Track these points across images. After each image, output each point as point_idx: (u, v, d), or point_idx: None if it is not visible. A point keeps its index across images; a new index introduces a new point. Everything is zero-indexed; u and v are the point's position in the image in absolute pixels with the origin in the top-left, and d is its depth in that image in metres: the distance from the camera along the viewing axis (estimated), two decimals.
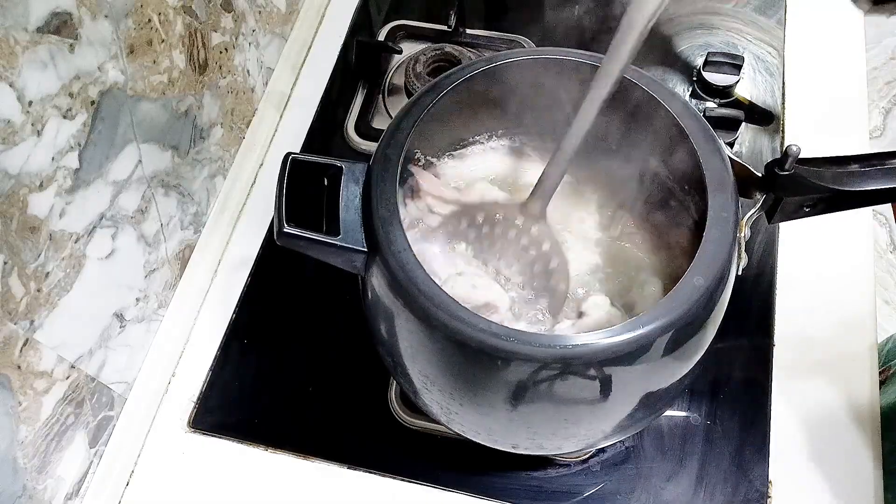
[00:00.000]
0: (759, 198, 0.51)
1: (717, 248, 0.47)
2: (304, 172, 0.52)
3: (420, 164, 0.61)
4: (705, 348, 0.52)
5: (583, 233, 0.60)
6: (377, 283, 0.49)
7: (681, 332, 0.46)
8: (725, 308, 0.52)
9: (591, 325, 0.53)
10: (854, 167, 0.50)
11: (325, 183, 0.52)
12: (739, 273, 0.52)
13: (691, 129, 0.51)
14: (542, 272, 0.56)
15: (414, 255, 0.47)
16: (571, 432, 0.53)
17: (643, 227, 0.59)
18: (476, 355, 0.46)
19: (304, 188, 0.52)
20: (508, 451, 0.56)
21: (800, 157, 0.49)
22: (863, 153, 0.50)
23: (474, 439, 0.55)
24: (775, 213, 0.52)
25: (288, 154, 0.52)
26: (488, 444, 0.55)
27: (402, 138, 0.52)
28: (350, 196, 0.51)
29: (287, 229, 0.49)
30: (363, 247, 0.49)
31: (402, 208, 0.58)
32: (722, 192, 0.49)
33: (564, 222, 0.60)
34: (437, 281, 0.47)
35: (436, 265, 0.57)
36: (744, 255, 0.51)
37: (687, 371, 0.52)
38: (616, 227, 0.60)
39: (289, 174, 0.51)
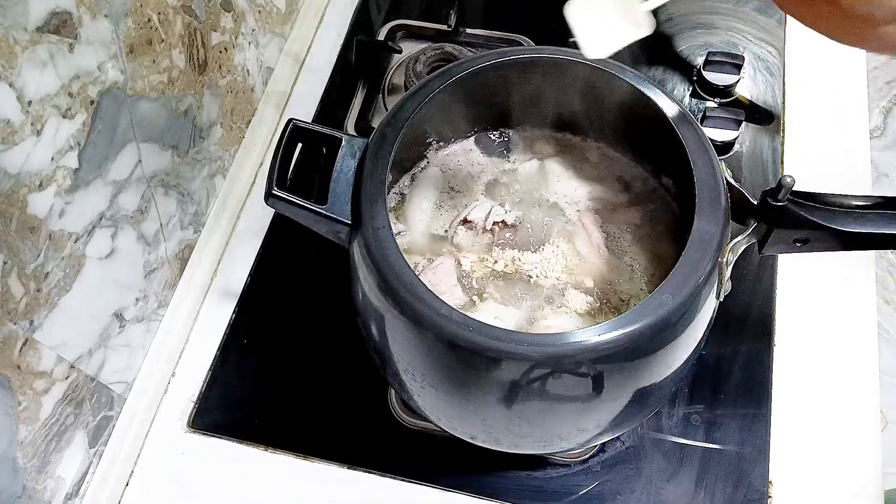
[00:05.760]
0: (752, 226, 0.51)
1: (690, 270, 0.46)
2: (304, 140, 0.53)
3: (432, 147, 0.62)
4: (671, 369, 0.51)
5: (572, 239, 0.59)
6: (357, 256, 0.50)
7: (637, 348, 0.46)
8: (703, 330, 0.51)
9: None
10: (854, 207, 0.49)
11: (324, 152, 0.53)
12: (720, 299, 0.51)
13: (692, 148, 0.51)
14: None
15: (392, 233, 0.48)
16: (525, 431, 0.53)
17: (636, 238, 0.59)
18: (434, 338, 0.47)
19: (303, 157, 0.54)
20: (463, 437, 0.56)
21: (801, 189, 0.48)
22: (869, 195, 0.49)
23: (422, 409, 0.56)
24: (766, 243, 0.51)
25: (290, 120, 0.52)
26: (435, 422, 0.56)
27: (403, 118, 0.52)
28: (345, 168, 0.51)
29: (276, 191, 0.50)
30: (348, 219, 0.50)
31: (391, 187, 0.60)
32: (710, 215, 0.48)
33: (553, 227, 0.60)
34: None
35: None
36: (728, 281, 0.50)
37: (652, 386, 0.52)
38: (608, 237, 0.59)
39: (287, 139, 0.52)
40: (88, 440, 0.62)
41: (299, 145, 0.54)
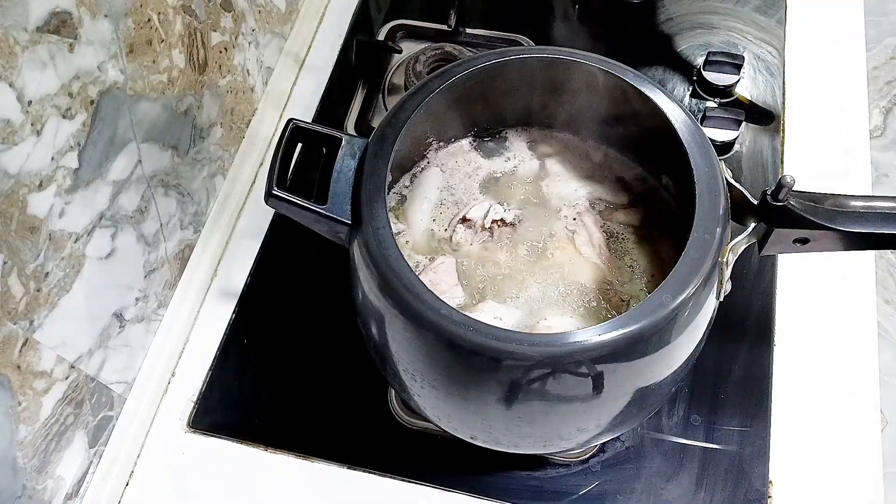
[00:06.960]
0: (752, 226, 0.51)
1: (690, 270, 0.46)
2: (304, 140, 0.53)
3: (432, 147, 0.62)
4: (671, 369, 0.51)
5: (573, 239, 0.59)
6: (356, 256, 0.50)
7: (637, 348, 0.46)
8: (703, 330, 0.51)
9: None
10: (854, 207, 0.49)
11: (324, 152, 0.53)
12: (720, 299, 0.51)
13: (692, 148, 0.51)
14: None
15: (392, 233, 0.48)
16: (525, 431, 0.53)
17: (636, 238, 0.59)
18: (434, 338, 0.47)
19: (303, 157, 0.54)
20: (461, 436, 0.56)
21: (801, 189, 0.48)
22: (869, 195, 0.49)
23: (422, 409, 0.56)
24: (766, 243, 0.51)
25: (290, 120, 0.53)
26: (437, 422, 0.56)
27: (403, 118, 0.52)
28: (344, 168, 0.52)
29: (276, 191, 0.50)
30: (348, 219, 0.50)
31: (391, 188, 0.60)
32: (710, 215, 0.48)
33: (553, 227, 0.60)
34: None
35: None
36: (728, 281, 0.50)
37: (652, 386, 0.52)
38: (609, 237, 0.59)
39: (287, 139, 0.52)
40: (88, 440, 0.62)
41: (299, 145, 0.54)
